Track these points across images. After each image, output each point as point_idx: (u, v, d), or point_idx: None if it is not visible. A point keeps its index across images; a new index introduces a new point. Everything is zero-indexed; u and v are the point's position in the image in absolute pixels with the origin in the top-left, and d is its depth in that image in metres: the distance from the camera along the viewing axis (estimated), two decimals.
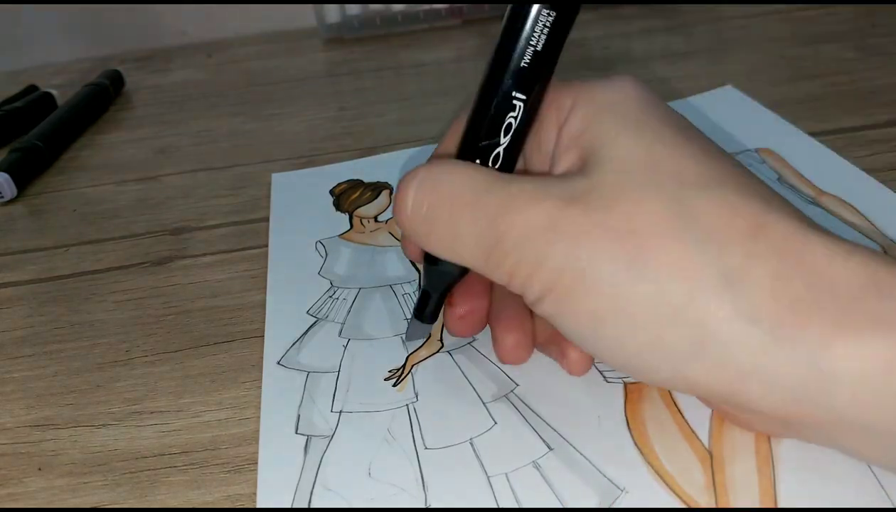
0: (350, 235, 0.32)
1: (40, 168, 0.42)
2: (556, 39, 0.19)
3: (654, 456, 0.20)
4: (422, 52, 0.53)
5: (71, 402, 0.25)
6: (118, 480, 0.22)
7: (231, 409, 0.24)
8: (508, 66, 0.19)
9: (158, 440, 0.23)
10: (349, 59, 0.54)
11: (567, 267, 0.17)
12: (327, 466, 0.21)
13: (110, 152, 0.44)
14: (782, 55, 0.45)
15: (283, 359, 0.25)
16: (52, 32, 0.59)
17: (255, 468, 0.22)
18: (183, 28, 0.61)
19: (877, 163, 0.32)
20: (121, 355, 0.27)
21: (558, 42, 0.19)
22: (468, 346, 0.25)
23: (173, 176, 0.40)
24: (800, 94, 0.40)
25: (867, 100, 0.38)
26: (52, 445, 0.24)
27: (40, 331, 0.29)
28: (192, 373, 0.26)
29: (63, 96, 0.49)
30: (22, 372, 0.27)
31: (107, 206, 0.38)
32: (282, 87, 0.50)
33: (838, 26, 0.48)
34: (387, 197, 0.34)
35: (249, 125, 0.45)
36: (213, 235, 0.34)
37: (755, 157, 0.34)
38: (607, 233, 0.17)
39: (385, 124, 0.43)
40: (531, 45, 0.19)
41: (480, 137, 0.20)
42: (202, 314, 0.29)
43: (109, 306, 0.30)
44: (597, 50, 0.49)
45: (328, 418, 0.23)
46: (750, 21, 0.51)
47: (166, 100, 0.51)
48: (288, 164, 0.39)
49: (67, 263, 0.33)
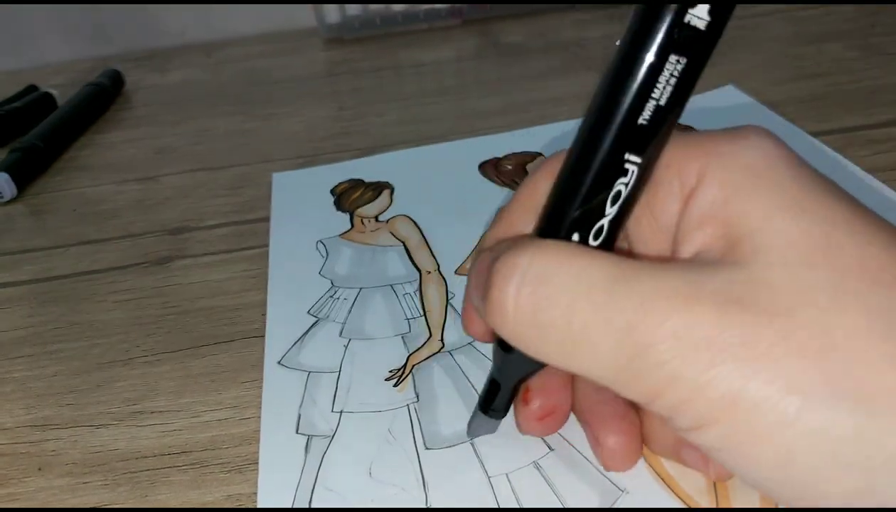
0: (351, 235, 0.32)
1: (40, 168, 0.42)
2: (683, 90, 0.15)
3: (655, 457, 0.20)
4: (421, 52, 0.53)
5: (71, 402, 0.25)
6: (118, 480, 0.22)
7: (231, 408, 0.24)
8: (621, 120, 0.15)
9: (158, 440, 0.23)
10: (349, 58, 0.54)
11: (742, 396, 0.13)
12: (328, 466, 0.21)
13: (110, 152, 0.44)
14: (784, 54, 0.45)
15: (284, 359, 0.25)
16: (51, 32, 0.59)
17: (256, 468, 0.21)
18: (182, 28, 0.61)
19: (878, 162, 0.32)
20: (120, 355, 0.27)
21: (686, 92, 0.15)
22: (469, 346, 0.25)
23: (173, 176, 0.40)
24: (801, 94, 0.39)
25: (869, 99, 0.38)
26: (52, 445, 0.24)
27: (40, 331, 0.29)
28: (192, 373, 0.26)
29: (63, 96, 0.49)
30: (22, 372, 0.27)
31: (106, 206, 0.38)
32: (281, 87, 0.50)
33: (840, 26, 0.48)
34: (387, 197, 0.34)
35: (249, 125, 0.45)
36: (213, 235, 0.34)
37: None
38: (796, 351, 0.13)
39: (385, 124, 0.43)
40: (653, 99, 0.15)
41: (578, 206, 0.16)
42: (202, 314, 0.29)
43: (109, 306, 0.30)
44: (597, 50, 0.49)
45: (329, 418, 0.23)
46: (751, 20, 0.51)
47: (166, 100, 0.51)
48: (287, 164, 0.39)
49: (67, 262, 0.33)
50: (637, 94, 0.15)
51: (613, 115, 0.15)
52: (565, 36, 0.52)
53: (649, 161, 0.16)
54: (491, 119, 0.41)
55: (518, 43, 0.52)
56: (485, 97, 0.44)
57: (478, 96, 0.45)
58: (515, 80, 0.46)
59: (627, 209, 0.16)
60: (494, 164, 0.36)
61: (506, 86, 0.46)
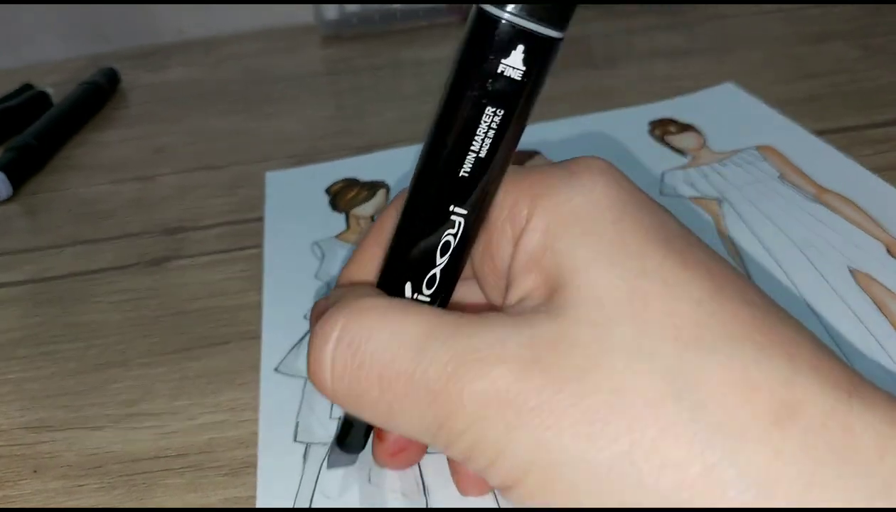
0: (347, 236, 0.32)
1: (35, 167, 0.41)
2: (505, 140, 0.15)
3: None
4: (421, 50, 0.53)
5: (66, 404, 0.25)
6: (114, 483, 0.22)
7: (228, 411, 0.24)
8: (442, 172, 0.15)
9: (154, 443, 0.23)
10: (347, 56, 0.53)
11: (536, 460, 0.13)
12: (327, 473, 0.21)
13: (106, 151, 0.44)
14: (785, 53, 0.45)
15: (281, 365, 0.25)
16: (47, 30, 0.59)
17: (253, 471, 0.21)
18: (179, 25, 0.60)
19: (880, 162, 0.32)
20: (116, 357, 0.27)
21: (508, 142, 0.15)
22: None
23: (169, 175, 0.40)
24: (802, 93, 0.39)
25: (870, 99, 0.38)
26: (48, 447, 0.23)
27: (36, 332, 0.29)
28: (188, 375, 0.25)
29: (58, 95, 0.48)
30: (17, 373, 0.27)
31: (102, 206, 0.37)
32: (279, 85, 0.50)
33: (841, 25, 0.47)
34: (383, 196, 0.34)
35: (246, 124, 0.45)
36: (210, 235, 0.34)
37: (756, 156, 0.34)
38: (584, 416, 0.13)
39: (383, 123, 0.42)
40: (472, 151, 0.15)
41: (410, 256, 0.16)
42: (198, 315, 0.28)
43: (105, 307, 0.30)
44: (596, 47, 0.49)
45: (327, 426, 0.22)
46: (752, 19, 0.50)
47: (162, 98, 0.50)
48: (285, 163, 0.39)
49: (63, 263, 0.33)
50: (455, 146, 0.15)
51: (435, 166, 0.15)
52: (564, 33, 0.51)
53: (478, 211, 0.16)
54: None
55: None
56: None
57: None
58: None
59: (460, 258, 0.16)
60: None
61: None
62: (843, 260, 0.26)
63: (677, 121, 0.38)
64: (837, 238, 0.28)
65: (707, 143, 0.35)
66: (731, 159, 0.34)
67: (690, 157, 0.34)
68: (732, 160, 0.34)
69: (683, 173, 0.33)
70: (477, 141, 0.14)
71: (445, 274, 0.16)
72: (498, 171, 0.15)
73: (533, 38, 0.14)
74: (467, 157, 0.15)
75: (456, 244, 0.16)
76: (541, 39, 0.14)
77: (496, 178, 0.15)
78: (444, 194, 0.15)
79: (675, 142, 0.36)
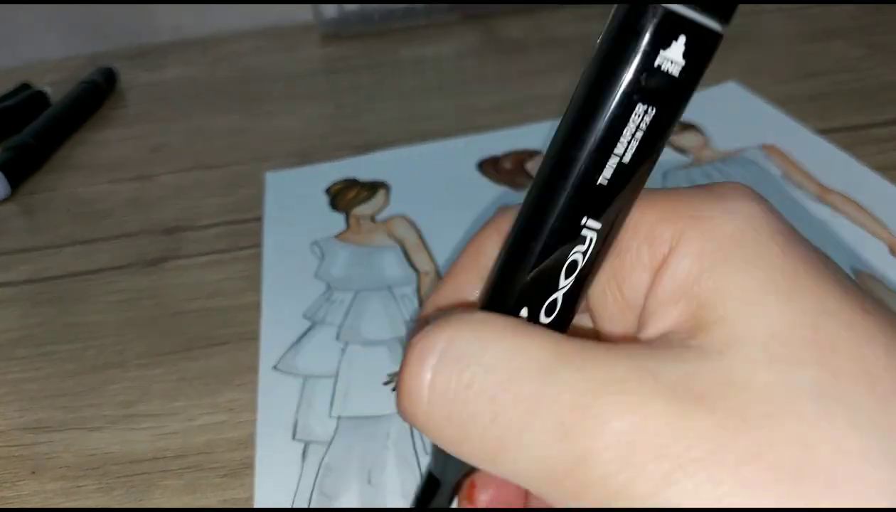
0: (346, 236, 0.31)
1: (33, 167, 0.41)
2: (652, 145, 0.13)
3: None
4: (421, 48, 0.53)
5: (64, 404, 0.25)
6: (112, 484, 0.22)
7: (226, 412, 0.24)
8: (576, 180, 0.13)
9: (153, 444, 0.23)
10: (347, 55, 0.53)
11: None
12: (326, 472, 0.21)
13: (104, 151, 0.43)
14: (788, 52, 0.45)
15: (280, 363, 0.25)
16: (45, 30, 0.59)
17: (251, 472, 0.21)
18: (177, 24, 0.60)
19: (884, 161, 0.32)
20: (114, 357, 0.27)
21: (656, 147, 0.13)
22: None
23: (167, 175, 0.40)
24: (806, 92, 0.39)
25: (874, 97, 0.38)
26: (46, 448, 0.23)
27: (34, 332, 0.28)
28: (186, 375, 0.25)
29: (56, 94, 0.48)
30: (15, 374, 0.26)
31: (100, 206, 0.37)
32: (278, 84, 0.50)
33: (845, 23, 0.47)
34: (383, 196, 0.34)
35: (245, 123, 0.45)
36: (208, 235, 0.33)
37: (759, 155, 0.33)
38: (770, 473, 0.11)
39: (383, 121, 0.42)
40: (616, 155, 0.13)
41: (527, 277, 0.14)
42: (196, 315, 0.28)
43: (103, 307, 0.29)
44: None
45: (326, 424, 0.22)
46: (755, 18, 0.50)
47: (160, 97, 0.50)
48: (284, 163, 0.39)
49: (61, 263, 0.33)
50: (596, 149, 0.13)
51: (568, 173, 0.13)
52: (566, 31, 0.51)
53: (612, 227, 0.14)
54: (490, 115, 0.41)
55: (518, 38, 0.52)
56: (484, 94, 0.44)
57: (477, 93, 0.44)
58: (515, 76, 0.46)
59: (586, 281, 0.14)
60: (493, 162, 0.35)
61: (505, 82, 0.45)
62: (847, 260, 0.26)
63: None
64: (841, 238, 0.27)
65: (709, 142, 0.35)
66: (733, 158, 0.34)
67: (692, 156, 0.34)
68: (735, 159, 0.33)
69: (686, 172, 0.33)
70: (622, 143, 0.12)
71: (567, 299, 0.14)
72: (639, 182, 0.13)
73: (697, 29, 0.12)
74: (609, 162, 0.13)
75: (584, 264, 0.14)
76: (704, 32, 0.12)
77: (636, 189, 0.13)
78: (578, 205, 0.13)
79: (677, 141, 0.35)
